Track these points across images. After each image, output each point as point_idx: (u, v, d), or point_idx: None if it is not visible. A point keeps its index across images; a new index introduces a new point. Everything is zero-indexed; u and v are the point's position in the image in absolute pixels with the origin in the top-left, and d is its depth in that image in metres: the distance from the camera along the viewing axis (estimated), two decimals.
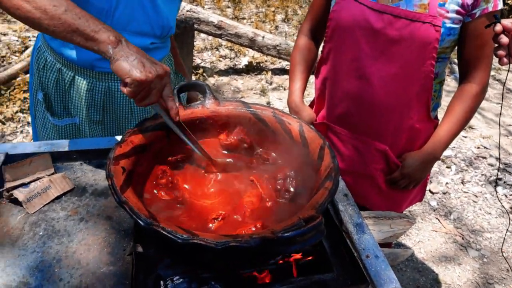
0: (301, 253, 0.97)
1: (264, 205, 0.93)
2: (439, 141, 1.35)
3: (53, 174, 1.11)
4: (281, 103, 3.92)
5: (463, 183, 3.09)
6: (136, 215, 0.72)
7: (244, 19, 5.86)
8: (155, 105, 0.92)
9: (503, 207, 2.75)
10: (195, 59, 4.37)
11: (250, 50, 4.54)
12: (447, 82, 4.24)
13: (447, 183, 3.07)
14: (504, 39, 0.95)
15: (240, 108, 1.07)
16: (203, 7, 5.73)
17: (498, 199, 2.93)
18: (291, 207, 0.91)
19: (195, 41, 4.16)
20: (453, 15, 1.19)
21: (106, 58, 0.87)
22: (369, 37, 1.26)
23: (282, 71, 4.51)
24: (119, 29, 1.19)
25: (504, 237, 2.61)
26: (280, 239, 0.66)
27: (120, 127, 1.41)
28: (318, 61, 1.50)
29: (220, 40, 4.60)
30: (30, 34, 4.78)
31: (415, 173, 1.38)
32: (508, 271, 2.39)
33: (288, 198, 0.93)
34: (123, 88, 0.85)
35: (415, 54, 1.22)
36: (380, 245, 0.97)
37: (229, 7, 6.23)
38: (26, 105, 3.44)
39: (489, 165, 3.30)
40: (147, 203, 0.86)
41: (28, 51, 4.22)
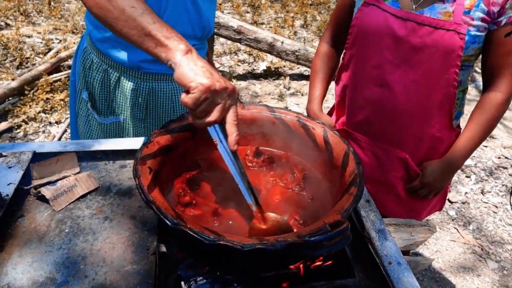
0: (322, 258, 0.98)
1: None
2: (460, 150, 1.33)
3: (78, 173, 1.13)
4: (299, 108, 3.92)
5: (483, 193, 3.04)
6: (163, 215, 0.73)
7: (263, 24, 5.89)
8: (213, 127, 0.84)
9: None
10: (214, 63, 4.40)
11: (268, 55, 4.56)
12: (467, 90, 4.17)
13: (466, 193, 3.03)
14: None
15: (264, 112, 1.08)
16: (222, 12, 5.79)
17: None
18: (315, 210, 0.91)
19: (214, 46, 4.20)
20: (478, 23, 1.18)
21: (170, 67, 0.83)
22: (392, 44, 1.26)
23: (300, 77, 4.51)
24: None
25: None
26: (306, 243, 0.67)
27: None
28: (339, 67, 1.50)
29: (239, 44, 4.63)
30: (53, 36, 4.89)
31: (436, 182, 1.37)
32: None
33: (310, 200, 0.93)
34: (184, 96, 0.78)
35: (438, 61, 1.22)
36: None
37: (248, 12, 6.27)
38: (48, 106, 3.52)
39: (511, 175, 3.24)
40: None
41: (51, 53, 4.32)
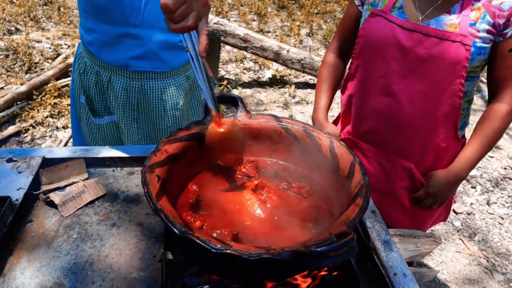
0: (327, 268, 0.98)
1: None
2: (466, 161, 1.33)
3: (87, 179, 1.15)
4: (304, 116, 3.93)
5: (488, 204, 3.02)
6: (171, 223, 0.74)
7: (269, 32, 5.92)
8: (188, 34, 0.89)
9: None
10: (220, 71, 4.43)
11: (274, 63, 4.58)
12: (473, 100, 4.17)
13: (471, 204, 3.01)
14: None
15: (271, 121, 1.09)
16: (229, 20, 5.83)
17: None
18: (321, 220, 0.92)
19: (220, 53, 4.23)
20: (484, 35, 1.19)
21: None
22: (398, 55, 1.27)
23: (305, 85, 4.53)
24: (149, 26, 1.29)
25: None
26: (312, 253, 0.67)
27: (154, 125, 1.49)
28: (345, 77, 1.51)
29: (244, 52, 4.66)
30: (62, 42, 4.94)
31: (441, 193, 1.37)
32: None
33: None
34: (163, 0, 0.82)
35: (444, 72, 1.22)
36: None
37: (254, 20, 6.31)
38: (56, 111, 3.55)
39: None
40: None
41: (59, 58, 4.37)
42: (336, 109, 3.88)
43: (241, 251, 0.69)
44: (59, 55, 4.54)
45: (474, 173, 3.32)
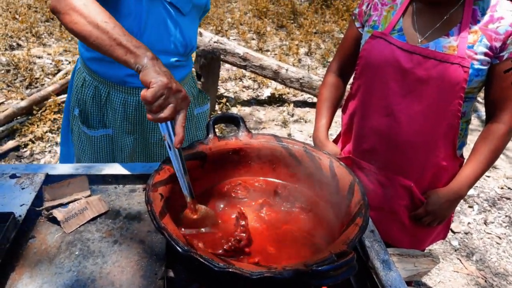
0: (326, 287, 0.99)
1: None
2: (465, 180, 1.36)
3: (89, 196, 1.16)
4: (302, 135, 3.96)
5: (485, 223, 3.03)
6: (174, 241, 0.75)
7: (268, 51, 6.00)
8: (165, 124, 0.91)
9: None
10: (219, 89, 4.47)
11: (273, 82, 4.64)
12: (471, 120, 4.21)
13: (469, 223, 3.02)
14: None
15: (271, 141, 1.11)
16: (228, 38, 5.92)
17: None
18: (321, 240, 0.93)
19: (220, 71, 4.28)
20: (481, 57, 1.23)
21: (138, 70, 0.94)
22: (398, 76, 1.30)
23: (304, 104, 4.57)
24: None
25: None
26: (313, 272, 0.69)
27: (147, 138, 1.55)
28: (346, 97, 1.54)
29: (244, 71, 4.72)
30: (63, 58, 4.99)
31: (440, 211, 1.39)
32: None
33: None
34: (144, 91, 0.87)
35: (443, 93, 1.26)
36: None
37: (253, 39, 6.40)
38: (55, 126, 3.57)
39: None
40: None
41: (60, 74, 4.41)
42: (334, 127, 3.91)
43: (243, 269, 0.70)
44: (60, 70, 4.58)
45: (471, 192, 3.34)
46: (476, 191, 3.38)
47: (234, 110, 4.29)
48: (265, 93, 4.67)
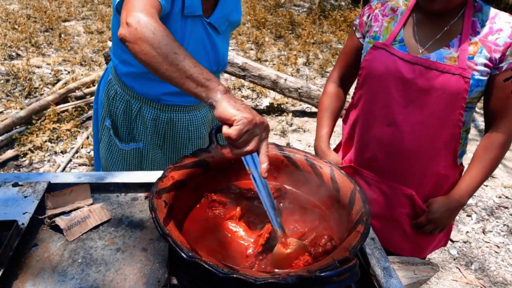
0: None
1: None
2: (465, 188, 1.38)
3: (91, 204, 1.17)
4: (301, 144, 3.98)
5: (484, 232, 3.04)
6: (179, 248, 0.76)
7: (266, 61, 6.05)
8: (250, 156, 0.91)
9: None
10: None
11: (271, 91, 4.67)
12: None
13: (467, 232, 3.03)
14: None
15: (273, 150, 1.13)
16: None
17: None
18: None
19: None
20: (481, 68, 1.25)
21: (211, 105, 0.91)
22: (400, 86, 1.32)
23: (302, 113, 4.60)
24: None
25: None
26: (316, 278, 0.69)
27: (177, 153, 1.56)
28: (348, 106, 1.56)
29: (242, 80, 4.75)
30: (62, 67, 5.02)
31: (441, 219, 1.40)
32: None
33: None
34: (227, 129, 0.85)
35: (444, 103, 1.28)
36: None
37: (252, 49, 6.45)
38: (55, 135, 3.58)
39: None
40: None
41: (59, 84, 4.42)
42: (333, 137, 3.93)
43: (247, 275, 0.71)
44: (59, 80, 4.60)
45: (469, 201, 3.35)
46: (474, 200, 3.39)
47: None
48: (264, 102, 4.70)
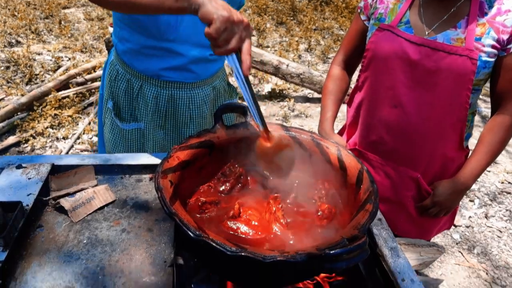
0: (334, 273, 0.99)
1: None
2: (471, 171, 1.36)
3: (96, 186, 1.16)
4: None
5: (486, 217, 3.04)
6: (186, 227, 0.75)
7: (268, 47, 6.00)
8: (231, 56, 0.91)
9: None
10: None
11: (273, 77, 4.63)
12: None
13: (470, 217, 3.03)
14: None
15: (279, 130, 1.11)
16: None
17: None
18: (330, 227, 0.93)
19: None
20: (489, 49, 1.23)
21: (195, 11, 0.90)
22: (406, 68, 1.30)
23: (304, 99, 4.57)
24: (182, 41, 1.35)
25: None
26: (326, 255, 0.69)
27: (179, 133, 1.54)
28: (352, 89, 1.54)
29: None
30: (63, 54, 4.98)
31: (446, 202, 1.39)
32: None
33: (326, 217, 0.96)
34: (207, 29, 0.86)
35: (451, 85, 1.26)
36: None
37: (253, 35, 6.39)
38: (56, 122, 3.56)
39: None
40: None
41: (60, 70, 4.40)
42: (336, 120, 3.91)
43: (256, 253, 0.70)
44: (60, 67, 4.57)
45: (472, 186, 3.35)
46: (477, 185, 3.39)
47: None
48: (266, 88, 4.67)
